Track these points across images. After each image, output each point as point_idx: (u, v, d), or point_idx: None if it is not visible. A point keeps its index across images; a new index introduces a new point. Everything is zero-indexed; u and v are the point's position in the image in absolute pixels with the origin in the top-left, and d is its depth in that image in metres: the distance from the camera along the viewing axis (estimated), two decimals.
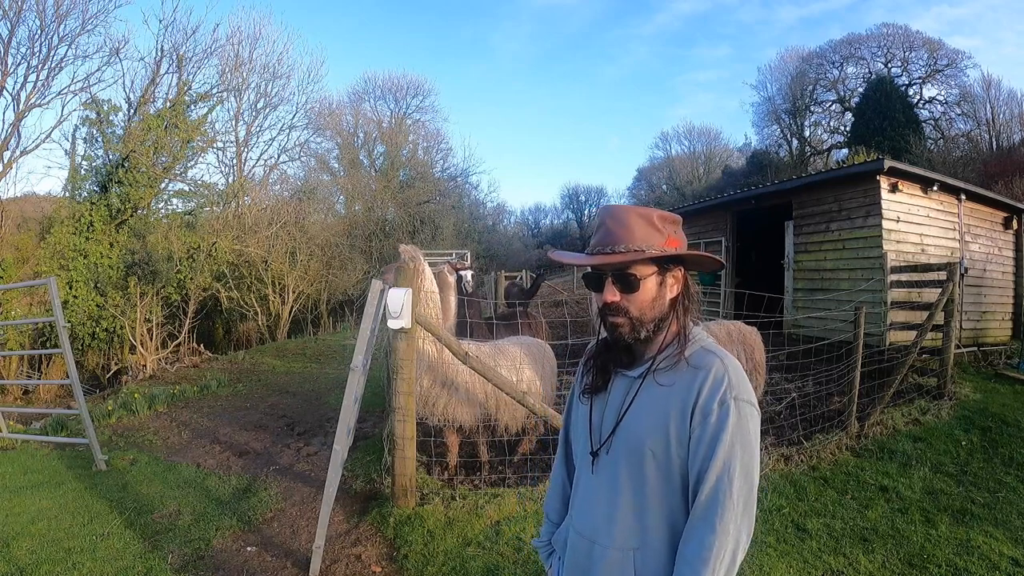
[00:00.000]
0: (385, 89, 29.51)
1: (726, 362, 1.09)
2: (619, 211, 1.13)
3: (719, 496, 1.01)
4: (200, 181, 17.76)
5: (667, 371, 1.11)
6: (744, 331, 4.48)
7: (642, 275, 1.11)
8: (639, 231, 1.10)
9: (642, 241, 1.09)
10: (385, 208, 23.10)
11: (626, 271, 1.11)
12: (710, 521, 1.01)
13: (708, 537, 1.01)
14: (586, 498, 1.19)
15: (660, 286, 1.13)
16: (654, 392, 1.11)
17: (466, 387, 3.79)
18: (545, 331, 5.77)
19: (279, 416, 6.11)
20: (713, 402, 1.04)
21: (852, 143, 24.14)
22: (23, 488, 4.01)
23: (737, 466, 1.02)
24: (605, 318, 1.14)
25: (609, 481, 1.14)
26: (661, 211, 1.15)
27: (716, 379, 1.06)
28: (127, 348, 13.33)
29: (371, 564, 3.02)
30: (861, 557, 3.04)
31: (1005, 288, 8.89)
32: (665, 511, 1.08)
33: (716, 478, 1.02)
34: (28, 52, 14.40)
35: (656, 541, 1.09)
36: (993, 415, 5.21)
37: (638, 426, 1.11)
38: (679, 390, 1.08)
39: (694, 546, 1.02)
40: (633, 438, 1.11)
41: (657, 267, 1.12)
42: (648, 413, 1.10)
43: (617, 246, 1.10)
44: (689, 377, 1.08)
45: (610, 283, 1.12)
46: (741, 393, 1.06)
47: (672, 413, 1.07)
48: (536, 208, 50.87)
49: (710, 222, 11.05)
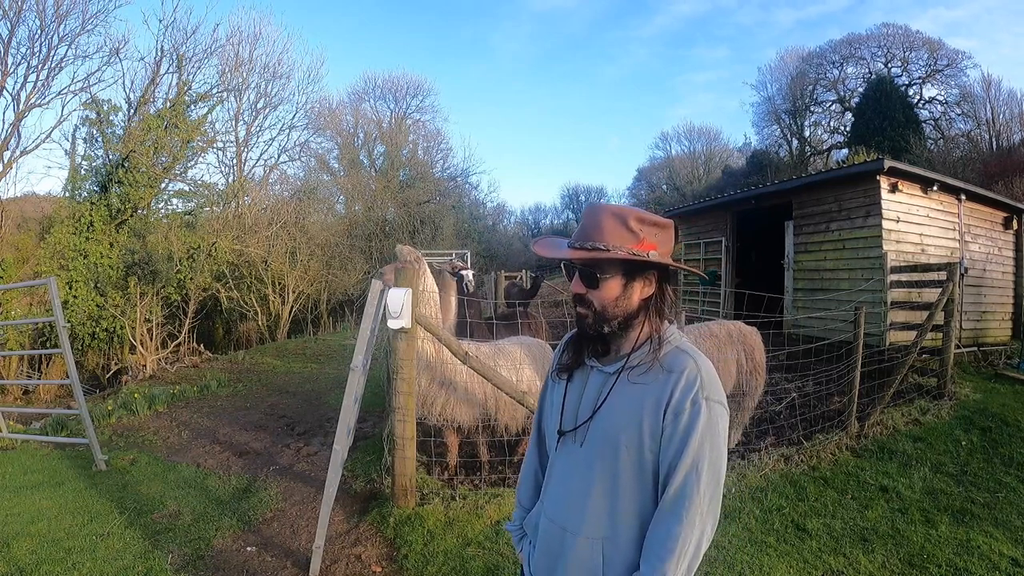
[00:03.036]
0: (385, 89, 29.52)
1: (699, 363, 1.12)
2: (597, 209, 1.17)
3: (687, 490, 1.06)
4: (200, 181, 17.76)
5: (642, 369, 1.15)
6: (744, 331, 4.47)
7: (604, 274, 1.15)
8: (609, 231, 1.13)
9: (608, 241, 1.12)
10: (385, 208, 23.09)
11: (589, 268, 1.15)
12: (678, 512, 1.06)
13: (675, 527, 1.06)
14: (559, 487, 1.23)
15: (625, 287, 1.16)
16: (629, 389, 1.15)
17: (466, 387, 3.79)
18: (545, 331, 5.77)
19: (279, 416, 6.11)
20: (685, 401, 1.08)
21: (852, 143, 24.12)
22: (23, 488, 4.01)
23: (706, 463, 1.07)
24: (574, 307, 1.20)
25: (583, 472, 1.18)
26: (643, 213, 1.15)
27: (689, 379, 1.10)
28: (127, 348, 13.33)
29: (371, 564, 3.02)
30: (861, 557, 3.04)
31: (1005, 288, 8.88)
32: (635, 503, 1.13)
33: (685, 473, 1.07)
34: (28, 52, 14.39)
35: (625, 531, 1.13)
36: (993, 415, 5.21)
37: (613, 420, 1.14)
38: (653, 388, 1.12)
39: (661, 535, 1.07)
40: (608, 432, 1.14)
41: (622, 268, 1.15)
42: (622, 408, 1.14)
43: (586, 243, 1.14)
44: (663, 377, 1.12)
45: (577, 276, 1.18)
46: (712, 393, 1.10)
47: (646, 410, 1.11)
48: (536, 208, 50.81)
49: (710, 222, 11.05)
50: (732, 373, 4.28)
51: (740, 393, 4.37)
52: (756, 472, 4.06)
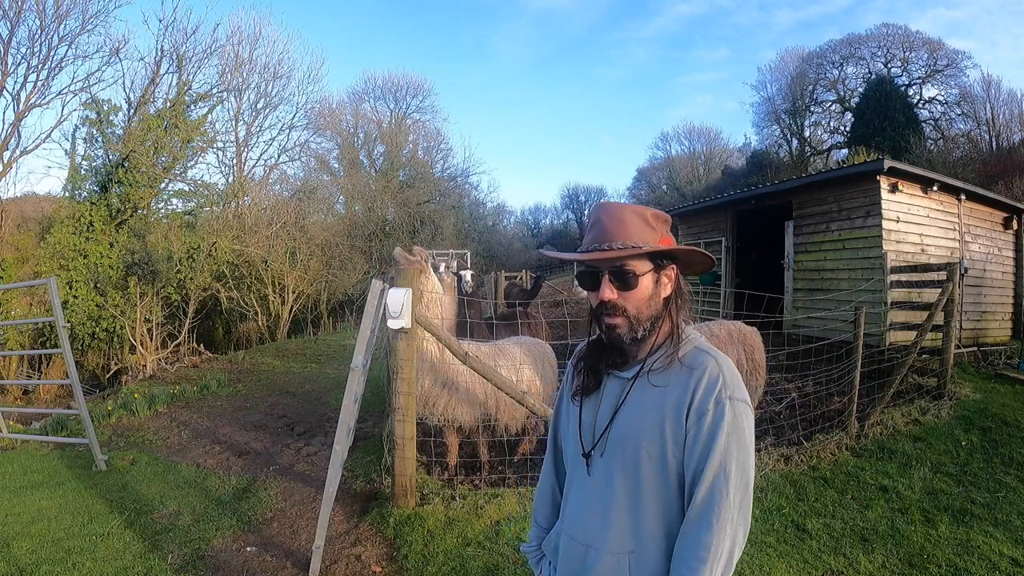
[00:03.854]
0: (385, 89, 29.57)
1: (720, 361, 1.08)
2: (614, 207, 1.12)
3: (716, 495, 1.00)
4: (200, 181, 17.83)
5: (661, 371, 1.10)
6: (744, 331, 4.48)
7: (640, 272, 1.09)
8: (635, 227, 1.09)
9: (638, 237, 1.08)
10: (385, 208, 23.09)
11: (623, 267, 1.09)
12: (707, 520, 1.00)
13: (705, 536, 0.99)
14: (579, 502, 1.17)
15: (656, 284, 1.12)
16: (648, 393, 1.09)
17: (466, 387, 3.79)
18: (545, 331, 5.77)
19: (279, 416, 6.11)
20: (708, 401, 1.03)
21: (852, 143, 24.13)
22: (23, 488, 4.01)
23: (733, 465, 1.01)
24: (600, 318, 1.12)
25: (603, 484, 1.12)
26: (654, 210, 1.15)
27: (711, 378, 1.05)
28: (127, 348, 13.33)
29: (371, 564, 3.02)
30: (861, 557, 3.04)
31: (1005, 288, 8.88)
32: (661, 513, 1.07)
33: (712, 477, 1.00)
34: (28, 52, 14.44)
35: (651, 544, 1.07)
36: (993, 415, 5.20)
37: (633, 427, 1.09)
38: (674, 390, 1.07)
39: (691, 546, 1.00)
40: (628, 440, 1.09)
41: (653, 264, 1.11)
42: (643, 414, 1.08)
43: (614, 242, 1.08)
44: (684, 377, 1.07)
45: (607, 280, 1.10)
46: (736, 392, 1.05)
47: (667, 413, 1.06)
48: (536, 208, 50.88)
49: (710, 222, 11.05)
50: None
51: None
52: (756, 472, 4.06)
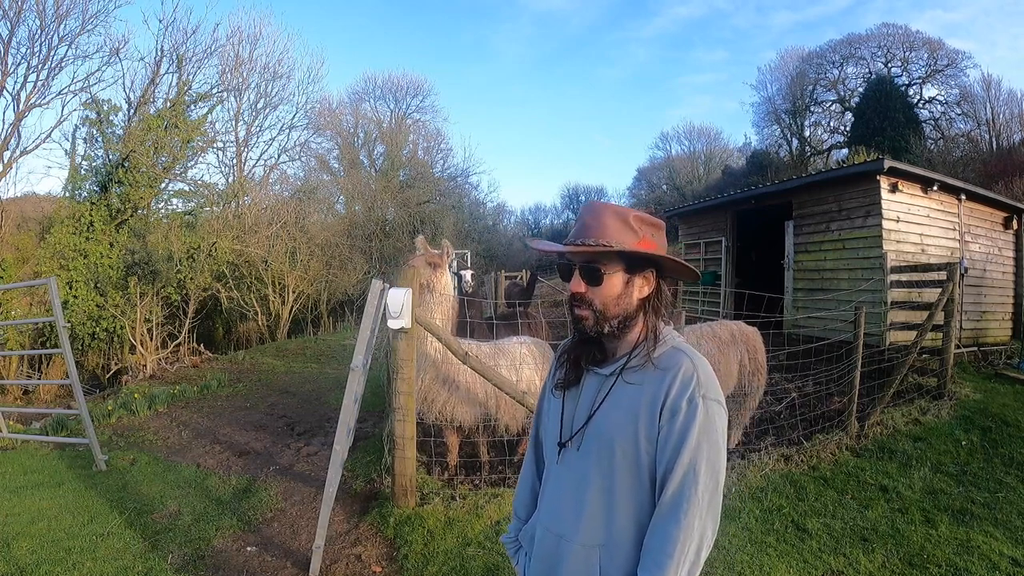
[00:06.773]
0: (385, 89, 29.50)
1: (695, 361, 1.11)
2: (598, 207, 1.17)
3: (685, 492, 1.03)
4: (200, 181, 17.80)
5: (637, 370, 1.13)
6: (746, 332, 4.48)
7: (608, 270, 1.14)
8: (612, 228, 1.13)
9: (612, 237, 1.12)
10: (385, 208, 23.06)
11: (592, 264, 1.14)
12: (675, 516, 1.03)
13: (673, 531, 1.02)
14: (554, 494, 1.21)
15: (627, 284, 1.16)
16: (625, 390, 1.13)
17: (467, 386, 3.79)
18: (545, 331, 5.77)
19: (279, 416, 6.11)
20: (682, 400, 1.06)
21: (852, 143, 24.10)
22: (23, 488, 4.00)
23: (704, 463, 1.04)
24: (572, 309, 1.18)
25: (578, 478, 1.15)
26: (641, 213, 1.17)
27: (685, 378, 1.07)
28: (127, 348, 13.33)
29: (371, 564, 3.02)
30: (861, 557, 3.04)
31: (1005, 288, 8.88)
32: (632, 509, 1.10)
33: (683, 474, 1.03)
34: (28, 52, 14.40)
35: (622, 538, 1.10)
36: (993, 415, 5.20)
37: (608, 423, 1.12)
38: (649, 388, 1.10)
39: (659, 540, 1.04)
40: (603, 435, 1.12)
41: (624, 265, 1.15)
42: (618, 411, 1.12)
43: (588, 239, 1.13)
44: (659, 376, 1.10)
45: (577, 274, 1.16)
46: (709, 392, 1.08)
47: (642, 411, 1.09)
48: (536, 208, 50.73)
49: (710, 222, 11.04)
50: (734, 374, 4.29)
51: (742, 393, 4.38)
52: (756, 472, 4.06)
